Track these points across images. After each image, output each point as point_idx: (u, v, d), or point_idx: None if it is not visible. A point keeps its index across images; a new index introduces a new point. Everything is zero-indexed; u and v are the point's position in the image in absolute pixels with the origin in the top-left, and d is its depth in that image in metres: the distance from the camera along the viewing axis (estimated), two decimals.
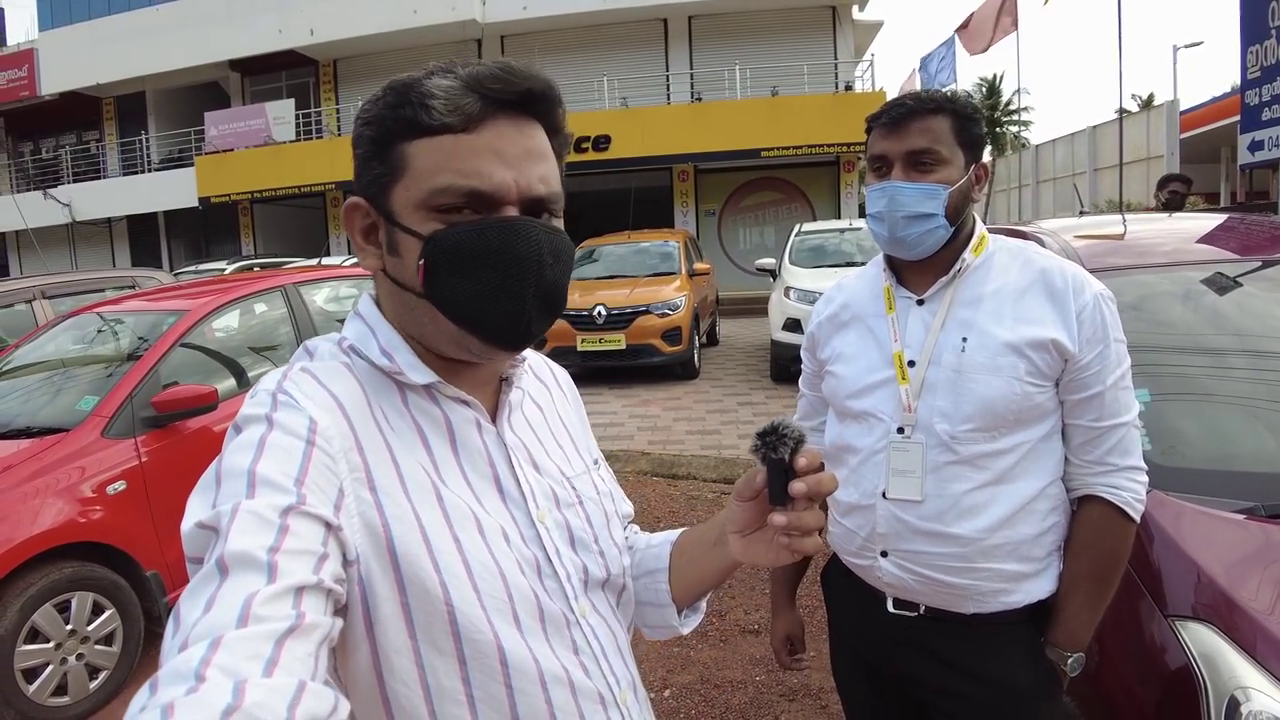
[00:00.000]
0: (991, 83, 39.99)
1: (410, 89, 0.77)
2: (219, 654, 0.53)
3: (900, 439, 1.40)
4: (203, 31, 19.74)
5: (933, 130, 1.38)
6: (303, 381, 0.76)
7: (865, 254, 9.28)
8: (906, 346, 1.43)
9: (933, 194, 1.37)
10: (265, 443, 0.69)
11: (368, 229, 0.82)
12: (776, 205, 19.27)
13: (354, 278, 5.43)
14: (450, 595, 0.74)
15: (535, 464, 0.89)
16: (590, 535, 0.90)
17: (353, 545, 0.70)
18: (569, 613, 0.84)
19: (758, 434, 0.79)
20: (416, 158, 0.76)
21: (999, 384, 1.33)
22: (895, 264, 1.50)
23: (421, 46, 19.79)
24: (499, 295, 0.76)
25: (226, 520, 0.62)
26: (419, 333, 0.81)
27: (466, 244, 0.75)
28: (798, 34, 19.07)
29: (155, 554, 3.40)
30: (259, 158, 18.90)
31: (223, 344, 4.27)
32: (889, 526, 1.41)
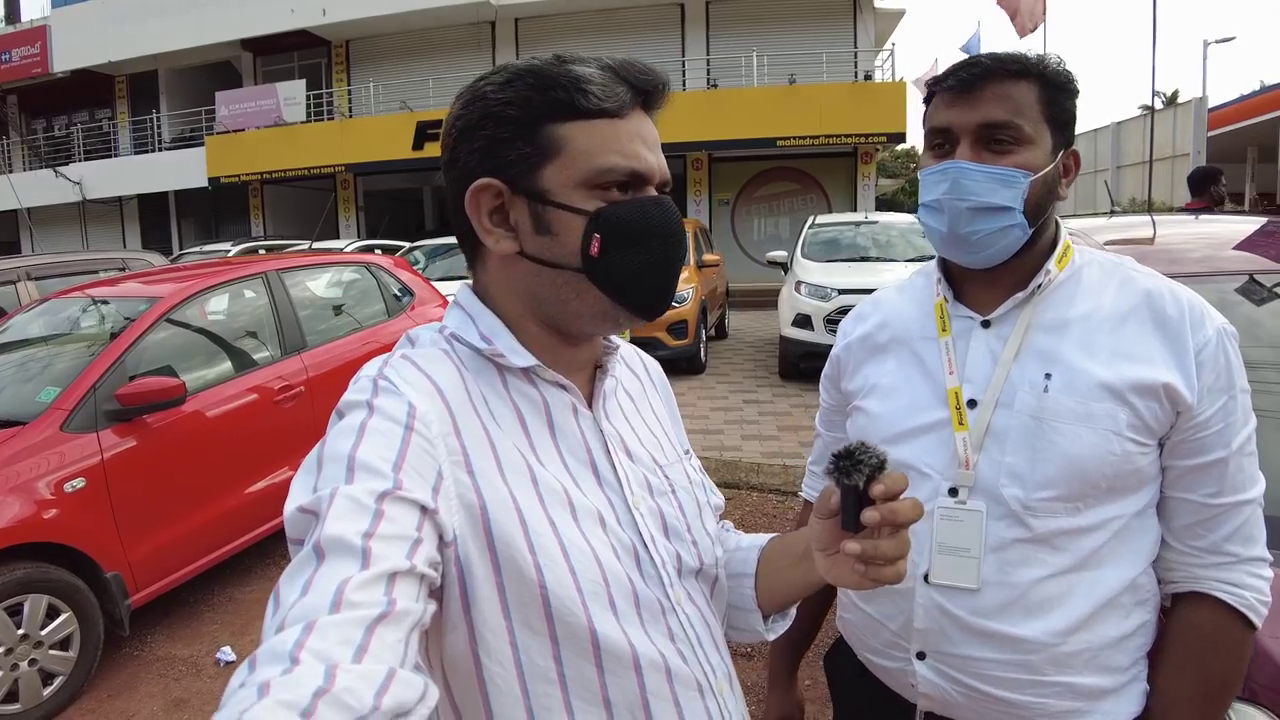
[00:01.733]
0: None
1: (557, 74, 0.79)
2: (312, 638, 0.55)
3: (952, 504, 1.08)
4: (216, 10, 19.60)
5: (1014, 99, 1.06)
6: (403, 368, 0.78)
7: (881, 248, 9.04)
8: (966, 381, 1.11)
9: (1009, 180, 1.05)
10: (365, 428, 0.70)
11: (494, 210, 0.82)
12: (792, 196, 18.97)
13: (342, 264, 5.24)
14: (544, 577, 0.74)
15: (629, 451, 0.89)
16: (683, 524, 0.90)
17: (450, 527, 0.72)
18: (664, 599, 0.84)
19: (834, 455, 0.75)
20: (575, 139, 0.78)
21: (1093, 438, 1.02)
22: (953, 273, 1.17)
23: (435, 28, 19.62)
24: (659, 266, 0.81)
25: (325, 505, 0.64)
26: (557, 311, 0.83)
27: (638, 218, 0.79)
28: (817, 21, 18.70)
29: (117, 554, 3.23)
30: (270, 138, 18.78)
31: (197, 333, 4.08)
32: (930, 621, 1.09)
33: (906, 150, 43.39)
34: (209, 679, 3.26)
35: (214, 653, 3.42)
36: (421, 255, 10.52)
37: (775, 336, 8.82)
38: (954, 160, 1.07)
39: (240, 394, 3.93)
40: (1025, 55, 1.08)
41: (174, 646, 3.51)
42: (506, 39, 19.79)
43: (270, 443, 4.06)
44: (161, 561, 3.44)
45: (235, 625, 3.66)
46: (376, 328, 5.02)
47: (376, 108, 19.67)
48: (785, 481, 5.10)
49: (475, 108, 0.81)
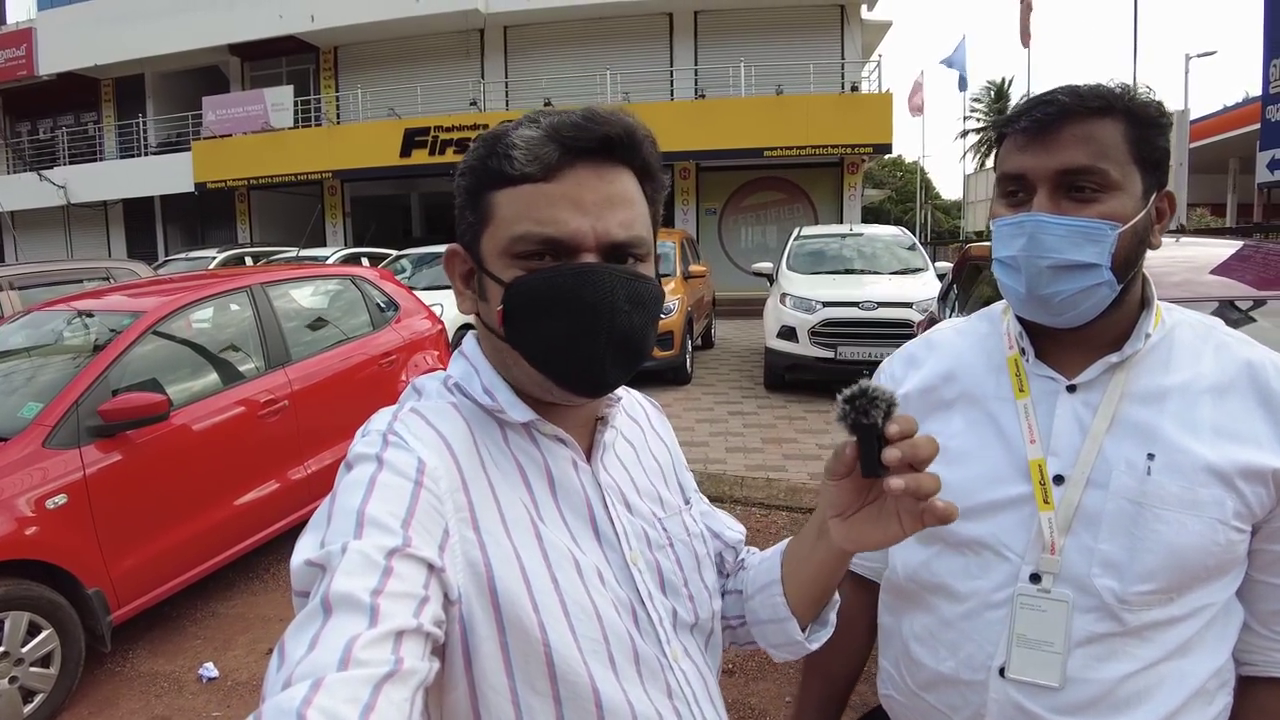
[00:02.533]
0: (1000, 87, 39.72)
1: (498, 140, 0.79)
2: (320, 695, 0.55)
3: (1035, 592, 0.97)
4: (203, 15, 19.54)
5: (1098, 140, 0.93)
6: (412, 422, 0.78)
7: (865, 260, 9.13)
8: (1051, 454, 0.98)
9: (1095, 234, 0.93)
10: (375, 482, 0.71)
11: (466, 275, 0.85)
12: (779, 206, 19.07)
13: (326, 276, 5.25)
14: (548, 636, 0.75)
15: (628, 504, 0.89)
16: (680, 578, 0.89)
17: (455, 585, 0.72)
18: (661, 656, 0.83)
19: (844, 399, 0.72)
20: (501, 206, 0.78)
21: (1199, 527, 0.92)
22: (1030, 325, 1.05)
23: (423, 35, 19.62)
24: (571, 341, 0.77)
25: (334, 560, 0.64)
26: (508, 376, 0.84)
27: (538, 290, 0.77)
28: (805, 32, 18.83)
29: (99, 570, 3.22)
30: (257, 144, 18.73)
31: (181, 347, 4.07)
32: (1004, 716, 0.99)
33: (893, 159, 43.64)
34: (191, 695, 3.25)
35: (197, 668, 3.41)
36: (408, 264, 10.49)
37: (762, 346, 8.88)
38: (1030, 212, 0.95)
39: (224, 408, 3.93)
40: (1108, 88, 0.96)
41: (156, 662, 3.50)
42: (495, 47, 19.82)
43: (254, 456, 4.06)
44: (144, 577, 3.44)
45: (218, 640, 3.65)
46: (361, 340, 5.03)
47: (364, 114, 19.65)
48: (768, 495, 5.13)
49: (456, 178, 0.84)
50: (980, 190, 33.59)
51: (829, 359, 7.67)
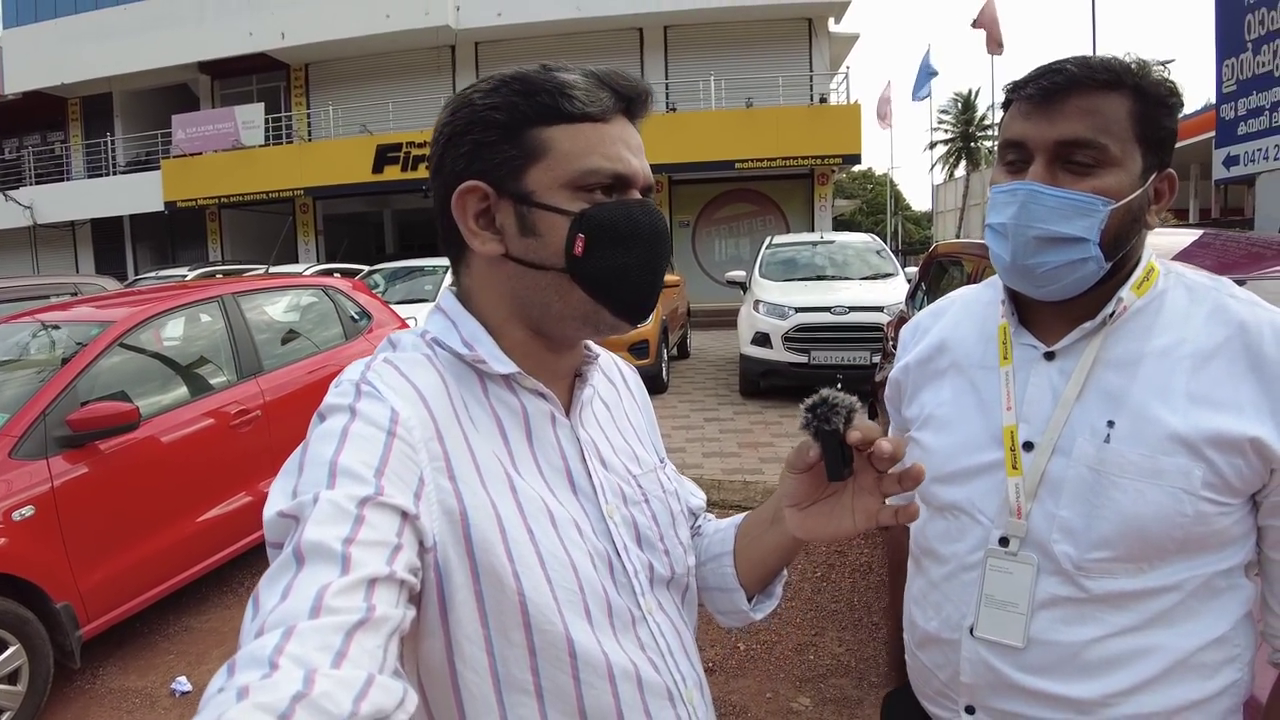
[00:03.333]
0: (966, 98, 40.37)
1: (543, 80, 0.80)
2: (291, 643, 0.55)
3: (1003, 555, 0.98)
4: (172, 32, 19.42)
5: (1101, 114, 0.92)
6: (385, 372, 0.78)
7: (837, 267, 9.22)
8: (1024, 420, 1.00)
9: (1086, 208, 0.92)
10: (348, 432, 0.71)
11: (480, 213, 0.82)
12: (751, 217, 19.23)
13: (299, 287, 5.22)
14: (522, 584, 0.75)
15: (604, 460, 0.89)
16: (656, 533, 0.90)
17: (430, 532, 0.72)
18: (635, 609, 0.84)
19: (806, 407, 0.76)
20: (559, 141, 0.79)
21: (1159, 497, 0.90)
22: (1018, 296, 1.05)
23: (394, 52, 19.62)
24: (643, 268, 0.81)
25: (306, 510, 0.64)
26: (540, 313, 0.83)
27: (622, 219, 0.80)
28: (773, 45, 19.06)
29: (67, 584, 3.17)
30: (227, 162, 18.60)
31: (151, 358, 4.04)
32: (976, 675, 1.01)
33: (863, 171, 44.15)
34: (164, 711, 3.20)
35: (169, 684, 3.36)
36: (381, 279, 10.46)
37: (736, 355, 8.92)
38: (1025, 180, 0.95)
39: (195, 419, 3.89)
40: (1120, 62, 0.94)
41: (127, 678, 3.44)
42: (466, 62, 19.86)
43: (226, 468, 4.02)
44: (114, 591, 3.39)
45: (191, 655, 3.61)
46: (333, 351, 5.00)
47: (336, 131, 19.59)
48: (746, 498, 5.16)
49: (462, 114, 0.82)
50: (949, 200, 34.05)
51: (802, 364, 7.73)
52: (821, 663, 3.21)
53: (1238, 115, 8.45)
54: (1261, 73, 8.21)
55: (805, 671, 3.16)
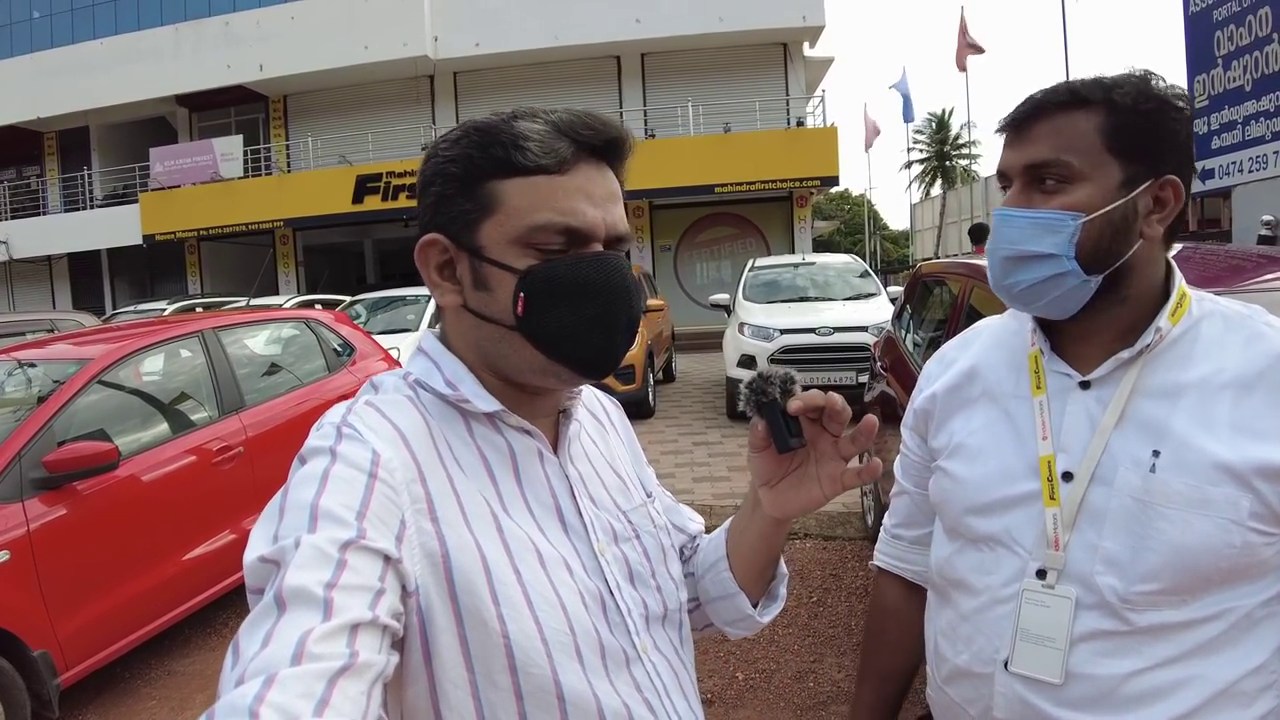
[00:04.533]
0: (941, 117, 40.97)
1: (499, 130, 0.79)
2: (272, 691, 0.54)
3: (1039, 587, 0.96)
4: (149, 66, 19.39)
5: (1065, 133, 0.94)
6: (366, 414, 0.77)
7: (819, 288, 9.27)
8: (1061, 450, 0.98)
9: (1054, 224, 0.93)
10: (329, 475, 0.70)
11: (443, 265, 0.83)
12: (732, 240, 19.33)
13: (281, 320, 5.16)
14: (507, 628, 0.74)
15: (593, 497, 0.89)
16: (648, 569, 0.90)
17: (413, 576, 0.71)
18: (630, 648, 0.83)
19: (744, 384, 0.81)
20: (511, 196, 0.78)
21: (1207, 528, 0.88)
22: (1048, 323, 1.04)
23: (373, 82, 19.67)
24: (595, 325, 0.79)
25: (288, 554, 0.63)
26: (501, 365, 0.83)
27: (566, 276, 0.78)
28: (750, 71, 19.27)
29: (44, 630, 3.08)
30: (206, 195, 18.50)
31: (130, 395, 3.96)
32: (1010, 710, 0.98)
33: (840, 193, 44.62)
34: None
35: None
36: (363, 309, 10.39)
37: (721, 378, 8.91)
38: (998, 206, 1.00)
39: (176, 457, 3.81)
40: (1091, 80, 0.96)
41: None
42: (445, 92, 19.94)
43: (209, 506, 3.94)
44: (94, 636, 3.30)
45: (175, 700, 3.50)
46: (317, 384, 4.94)
47: (315, 162, 19.57)
48: None
49: (429, 165, 0.83)
50: (927, 218, 34.41)
51: None
52: (821, 690, 3.16)
53: (1211, 129, 8.63)
54: (1233, 87, 8.40)
55: (805, 699, 3.11)
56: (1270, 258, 2.57)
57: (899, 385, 3.83)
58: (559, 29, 18.38)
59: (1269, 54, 7.94)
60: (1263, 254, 2.64)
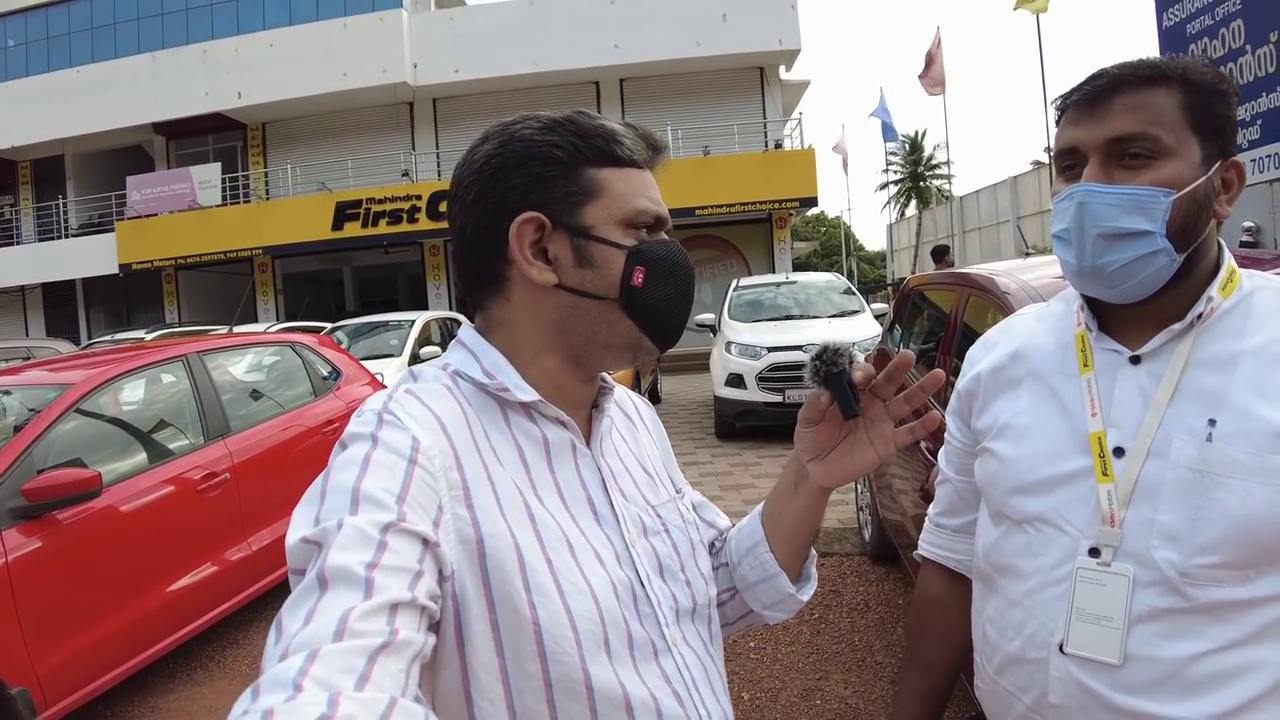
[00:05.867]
0: (914, 139, 41.53)
1: (594, 126, 0.87)
2: (315, 665, 0.56)
3: (1094, 565, 0.93)
4: (126, 94, 19.28)
5: (1149, 108, 0.92)
6: (407, 402, 0.79)
7: (802, 306, 9.31)
8: (1112, 426, 0.96)
9: (1146, 201, 0.91)
10: (370, 460, 0.72)
11: (533, 244, 0.85)
12: (713, 262, 19.42)
13: (266, 344, 5.09)
14: (538, 614, 0.75)
15: (623, 491, 0.91)
16: (677, 564, 0.91)
17: (449, 561, 0.72)
18: (659, 640, 0.84)
19: (812, 357, 0.87)
20: (614, 182, 0.85)
21: (1267, 495, 0.86)
22: (1097, 303, 1.02)
23: (352, 109, 19.68)
24: (685, 298, 0.89)
25: (330, 535, 0.65)
26: (585, 341, 0.86)
27: (669, 255, 0.87)
28: (727, 95, 19.47)
29: (23, 667, 2.96)
30: (184, 223, 18.37)
31: (112, 422, 3.87)
32: (1067, 696, 0.94)
33: (817, 215, 45.06)
34: None
35: None
36: (344, 335, 10.30)
37: (708, 398, 8.88)
38: (1080, 183, 0.95)
39: (160, 484, 3.71)
40: (1162, 59, 0.95)
41: None
42: (425, 118, 19.98)
43: (194, 535, 3.84)
44: (75, 672, 3.18)
45: None
46: (303, 409, 4.87)
47: (294, 189, 19.50)
48: None
49: (515, 147, 0.85)
50: (904, 238, 34.77)
51: (778, 403, 7.73)
52: (829, 708, 3.11)
53: None
54: None
55: (814, 717, 3.05)
56: (1256, 259, 2.60)
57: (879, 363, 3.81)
58: (538, 55, 18.51)
59: (1243, 65, 8.12)
60: (1246, 256, 2.66)
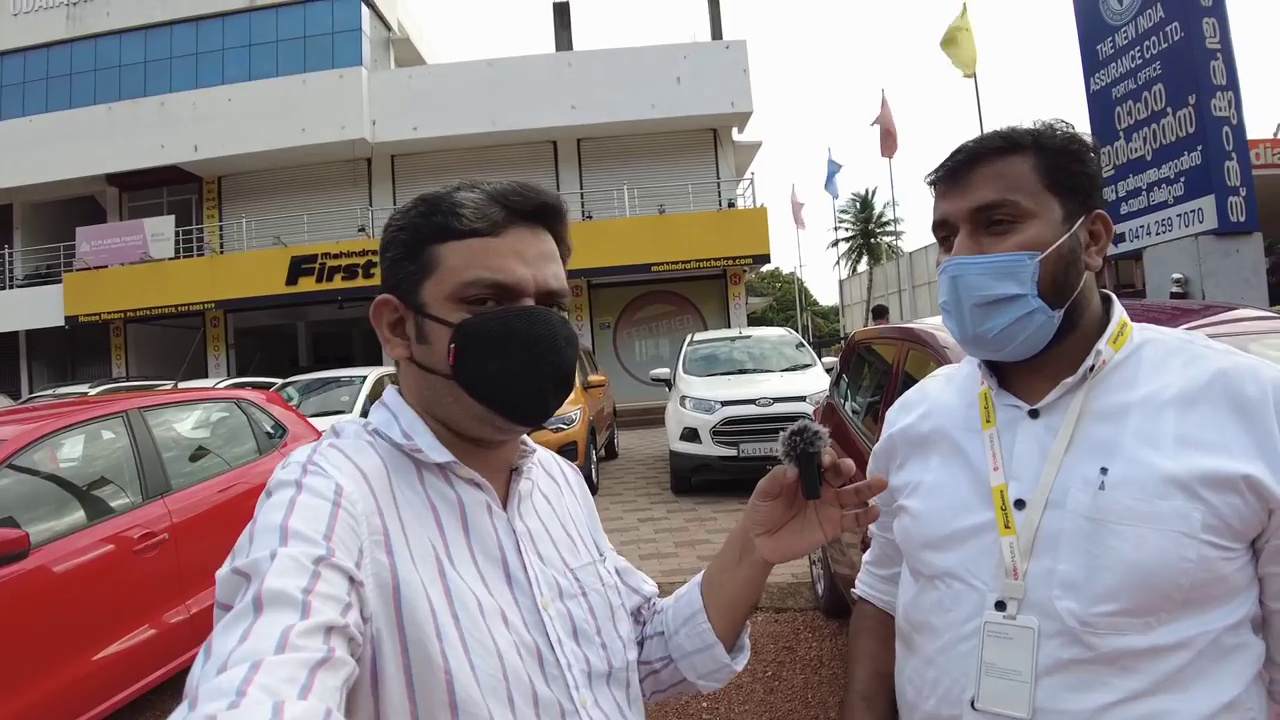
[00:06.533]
0: (864, 197, 42.71)
1: (441, 200, 0.88)
2: (260, 674, 0.56)
3: (1000, 619, 0.95)
4: (79, 144, 19.03)
5: (1007, 176, 0.97)
6: (330, 455, 0.83)
7: (756, 361, 9.42)
8: (1013, 479, 0.98)
9: (1012, 266, 0.95)
10: (295, 503, 0.74)
11: (395, 322, 0.91)
12: (669, 317, 19.62)
13: (211, 400, 5.00)
14: (449, 664, 0.76)
15: (539, 553, 0.92)
16: (593, 627, 0.92)
17: (369, 602, 0.74)
18: (568, 702, 0.85)
19: (789, 434, 0.89)
20: (448, 257, 0.86)
21: (1159, 541, 0.88)
22: (995, 362, 1.06)
23: (309, 164, 19.69)
24: (521, 374, 0.85)
25: (264, 564, 0.66)
26: (443, 414, 0.89)
27: (493, 328, 0.85)
28: (682, 155, 19.91)
29: None
30: (135, 275, 18.06)
31: (45, 479, 3.75)
32: None
33: (771, 271, 45.86)
34: None
35: None
36: (295, 391, 10.15)
37: (664, 453, 8.89)
38: (951, 256, 1.00)
39: (95, 544, 3.58)
40: (1014, 129, 1.00)
41: None
42: (382, 174, 20.05)
43: (128, 598, 3.70)
44: None
45: None
46: (247, 467, 4.77)
47: (249, 243, 19.33)
48: None
49: (386, 233, 0.91)
50: (855, 294, 35.46)
51: (733, 457, 7.77)
52: None
53: (1119, 196, 9.26)
54: (1135, 157, 9.05)
55: None
56: (1185, 309, 2.74)
57: (842, 449, 3.87)
58: (496, 115, 18.78)
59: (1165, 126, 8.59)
60: (1178, 307, 2.80)
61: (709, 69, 18.97)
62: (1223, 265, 8.13)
